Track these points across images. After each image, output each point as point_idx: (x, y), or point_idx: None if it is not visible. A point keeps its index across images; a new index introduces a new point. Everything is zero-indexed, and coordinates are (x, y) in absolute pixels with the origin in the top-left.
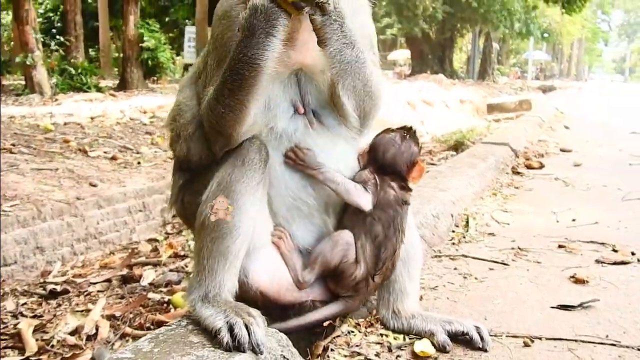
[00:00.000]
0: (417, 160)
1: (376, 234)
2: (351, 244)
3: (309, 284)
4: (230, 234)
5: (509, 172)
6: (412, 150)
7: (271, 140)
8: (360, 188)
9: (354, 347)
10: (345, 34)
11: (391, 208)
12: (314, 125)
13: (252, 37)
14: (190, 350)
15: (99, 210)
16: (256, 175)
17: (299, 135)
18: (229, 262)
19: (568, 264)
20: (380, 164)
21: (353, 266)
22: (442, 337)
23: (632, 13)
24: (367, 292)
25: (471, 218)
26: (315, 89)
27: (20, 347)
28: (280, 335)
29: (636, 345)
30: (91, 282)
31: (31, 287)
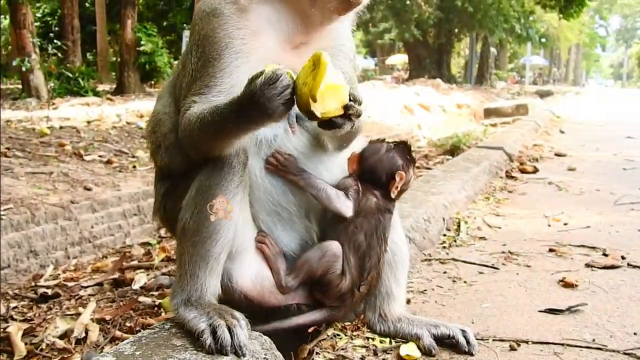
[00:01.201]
0: (398, 173)
1: (359, 243)
2: (339, 256)
3: (291, 290)
4: (210, 238)
5: (502, 176)
6: (395, 161)
7: (251, 146)
8: (342, 195)
9: (339, 351)
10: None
11: (373, 216)
12: (294, 130)
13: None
14: (172, 353)
15: (94, 214)
16: (235, 179)
17: (280, 140)
18: (209, 265)
19: (558, 268)
20: (362, 171)
21: (339, 278)
22: (428, 340)
23: (629, 18)
24: (352, 303)
25: (463, 222)
26: None
27: (9, 350)
28: (264, 339)
29: (622, 349)
30: (82, 285)
31: (22, 290)
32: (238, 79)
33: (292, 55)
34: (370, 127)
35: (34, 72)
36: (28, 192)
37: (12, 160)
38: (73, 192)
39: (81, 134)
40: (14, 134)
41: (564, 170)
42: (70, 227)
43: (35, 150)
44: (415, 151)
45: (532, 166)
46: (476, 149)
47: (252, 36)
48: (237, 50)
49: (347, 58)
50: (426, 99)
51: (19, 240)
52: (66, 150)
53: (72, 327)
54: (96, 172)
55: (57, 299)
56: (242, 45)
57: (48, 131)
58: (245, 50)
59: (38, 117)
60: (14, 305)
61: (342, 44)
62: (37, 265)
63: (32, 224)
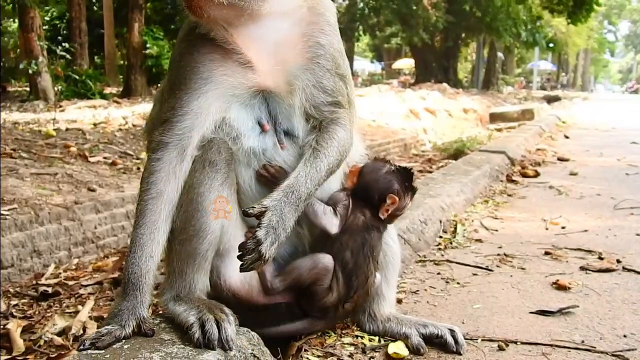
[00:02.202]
0: (390, 196)
1: (346, 260)
2: (330, 270)
3: (276, 292)
4: (197, 236)
5: (503, 179)
6: (390, 184)
7: (239, 156)
8: (329, 211)
9: (328, 348)
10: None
11: (359, 234)
12: (283, 146)
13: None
14: (160, 347)
15: (97, 214)
16: (218, 176)
17: (269, 154)
18: (197, 263)
19: (552, 271)
20: (357, 187)
21: (326, 292)
22: (416, 339)
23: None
24: (335, 317)
25: (460, 224)
26: (286, 109)
27: (9, 346)
28: (251, 334)
29: (611, 351)
30: (82, 284)
31: (23, 288)
32: (206, 103)
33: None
34: (375, 131)
35: (41, 74)
36: (33, 192)
37: (18, 161)
38: (77, 193)
39: (87, 135)
40: (21, 136)
41: (565, 175)
42: (73, 228)
43: (41, 152)
44: (419, 155)
45: (533, 170)
46: (478, 152)
47: (220, 61)
48: (203, 76)
49: (327, 60)
50: (432, 103)
51: (23, 240)
52: (71, 152)
53: (70, 324)
54: (100, 173)
55: (57, 297)
56: (208, 72)
57: (54, 133)
58: (211, 76)
59: (45, 119)
60: (14, 302)
61: (317, 47)
62: (41, 265)
63: (36, 224)
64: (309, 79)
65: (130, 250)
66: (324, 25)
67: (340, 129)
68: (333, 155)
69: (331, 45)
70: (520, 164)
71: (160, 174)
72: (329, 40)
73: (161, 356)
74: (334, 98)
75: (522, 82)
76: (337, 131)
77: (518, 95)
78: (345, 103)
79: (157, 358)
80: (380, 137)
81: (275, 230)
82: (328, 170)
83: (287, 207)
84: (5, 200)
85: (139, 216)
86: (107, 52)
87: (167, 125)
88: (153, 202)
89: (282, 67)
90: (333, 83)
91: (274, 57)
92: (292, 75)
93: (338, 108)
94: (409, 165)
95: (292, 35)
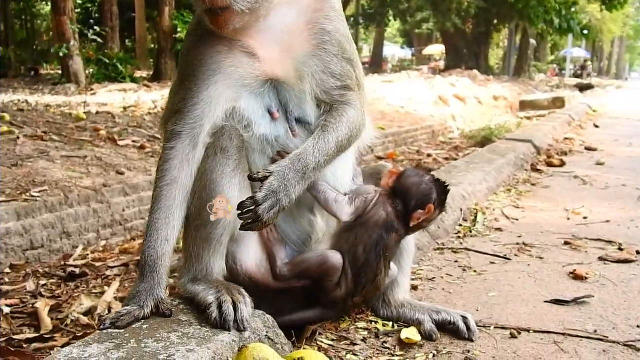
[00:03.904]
0: (429, 206)
1: (358, 256)
2: (338, 268)
3: (284, 280)
4: (211, 221)
5: (528, 169)
6: (431, 193)
7: (253, 143)
8: (343, 200)
9: (342, 332)
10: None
11: (376, 232)
12: (295, 133)
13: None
14: (177, 327)
15: (125, 197)
16: (230, 162)
17: (282, 141)
18: (212, 247)
19: (570, 261)
20: (395, 186)
21: (334, 287)
22: (428, 325)
23: None
24: (344, 310)
25: (480, 213)
26: (297, 96)
27: (37, 325)
28: (266, 317)
29: (623, 341)
30: (109, 266)
31: (52, 269)
32: (216, 93)
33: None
34: (403, 117)
35: (73, 58)
36: (63, 175)
37: (49, 144)
38: (106, 176)
39: (116, 119)
40: (52, 119)
41: (592, 165)
42: (102, 210)
43: (71, 135)
44: (447, 142)
45: (559, 159)
46: (504, 141)
47: (227, 53)
48: (212, 68)
49: (333, 46)
50: (462, 90)
51: (53, 221)
52: (101, 135)
53: (96, 304)
54: (129, 157)
55: (84, 278)
56: (216, 64)
57: (84, 116)
58: (219, 68)
59: (76, 102)
60: (43, 283)
61: (323, 34)
62: (70, 246)
63: (65, 206)
64: (317, 65)
65: (147, 235)
66: (329, 11)
67: (351, 108)
68: (343, 130)
69: (337, 30)
70: (547, 153)
71: (174, 162)
72: (334, 26)
73: (178, 336)
74: (343, 82)
75: (554, 69)
76: (346, 110)
77: (550, 83)
78: (355, 86)
79: (174, 338)
80: (409, 123)
81: (275, 194)
82: (337, 143)
83: (292, 173)
84: (36, 182)
85: (154, 202)
86: (138, 36)
87: (179, 115)
88: (168, 188)
89: (289, 55)
90: (341, 67)
91: (281, 46)
92: (300, 63)
93: (348, 91)
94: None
95: (297, 24)
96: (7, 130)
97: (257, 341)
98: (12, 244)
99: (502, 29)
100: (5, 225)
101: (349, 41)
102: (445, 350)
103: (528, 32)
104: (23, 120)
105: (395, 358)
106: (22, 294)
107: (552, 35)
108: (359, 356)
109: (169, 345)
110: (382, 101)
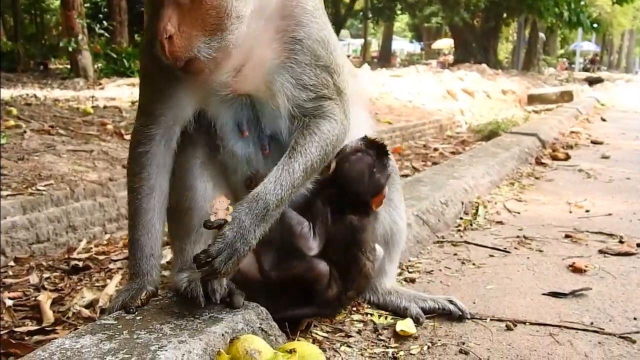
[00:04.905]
0: (382, 191)
1: (339, 263)
2: (325, 275)
3: (271, 279)
4: (187, 213)
5: (532, 162)
6: (379, 179)
7: (226, 159)
8: (307, 232)
9: (336, 324)
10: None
11: (344, 240)
12: (266, 153)
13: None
14: (170, 319)
15: None
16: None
17: (253, 160)
18: (192, 237)
19: (570, 254)
20: (341, 192)
21: (326, 289)
22: (415, 310)
23: None
24: (341, 305)
25: (482, 206)
26: (270, 112)
27: (39, 317)
28: (260, 309)
29: (619, 333)
30: (112, 259)
31: (55, 262)
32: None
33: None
34: (411, 111)
35: (81, 52)
36: (69, 169)
37: (55, 138)
38: (112, 170)
39: (123, 113)
40: (59, 113)
41: (597, 158)
42: (108, 204)
43: (78, 129)
44: (454, 136)
45: (564, 153)
46: (509, 134)
47: None
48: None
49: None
50: (470, 84)
51: (59, 215)
52: (108, 130)
53: (97, 297)
54: None
55: (87, 271)
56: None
57: (92, 110)
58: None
59: (85, 97)
60: (46, 276)
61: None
62: (75, 240)
63: (71, 199)
64: (288, 78)
65: (130, 251)
66: (299, 15)
67: (326, 121)
68: (313, 152)
69: (309, 36)
70: (552, 147)
71: (152, 168)
72: (306, 32)
73: (171, 327)
74: (318, 92)
75: (564, 63)
76: (320, 125)
77: (559, 76)
78: (332, 93)
79: (167, 329)
80: (416, 117)
81: (231, 246)
82: (306, 169)
83: (249, 218)
84: (42, 176)
85: (134, 216)
86: None
87: (151, 118)
88: (147, 200)
89: (260, 69)
90: (314, 77)
91: (252, 60)
92: (271, 77)
93: (324, 101)
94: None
95: (266, 34)
96: (14, 124)
97: (251, 333)
98: (18, 238)
99: (511, 23)
100: (12, 219)
101: (325, 44)
102: (440, 342)
103: (537, 26)
104: (30, 115)
105: (390, 350)
106: (25, 287)
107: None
108: (353, 348)
109: (161, 337)
110: (390, 95)
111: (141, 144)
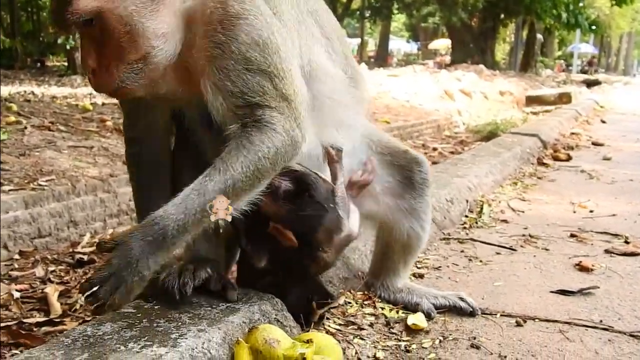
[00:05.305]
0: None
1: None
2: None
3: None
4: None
5: (534, 162)
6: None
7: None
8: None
9: (349, 317)
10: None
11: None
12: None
13: None
14: (188, 308)
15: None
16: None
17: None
18: None
19: (576, 253)
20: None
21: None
22: (426, 305)
23: None
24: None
25: (486, 205)
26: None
27: (46, 309)
28: (275, 300)
29: (628, 331)
30: None
31: (60, 256)
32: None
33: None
34: (409, 111)
35: (79, 50)
36: (70, 164)
37: (56, 134)
38: (112, 165)
39: None
40: (59, 109)
41: (598, 160)
42: (108, 199)
43: (78, 125)
44: (452, 137)
45: (565, 154)
46: (510, 135)
47: None
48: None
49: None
50: (468, 84)
51: (60, 210)
52: (107, 126)
53: None
54: None
55: (92, 265)
56: None
57: (91, 107)
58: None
59: (82, 94)
60: (52, 269)
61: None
62: (77, 235)
63: (72, 195)
64: (213, 85)
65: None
66: (225, 17)
67: (259, 132)
68: (236, 169)
69: (235, 39)
70: (553, 148)
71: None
72: (232, 34)
73: (189, 317)
74: (247, 100)
75: (561, 65)
76: (250, 136)
77: (557, 78)
78: (272, 100)
79: (185, 318)
80: (414, 117)
81: (115, 275)
82: (224, 190)
83: (140, 245)
84: (44, 172)
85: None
86: None
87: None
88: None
89: (194, 78)
90: (243, 83)
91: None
92: (203, 84)
93: (257, 110)
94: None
95: (195, 40)
96: (14, 120)
97: (267, 323)
98: (21, 232)
99: (509, 24)
100: (14, 213)
101: (262, 47)
102: (452, 336)
103: (535, 27)
104: (30, 111)
105: (403, 343)
106: (31, 280)
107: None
108: (366, 340)
109: (181, 325)
110: (388, 95)
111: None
